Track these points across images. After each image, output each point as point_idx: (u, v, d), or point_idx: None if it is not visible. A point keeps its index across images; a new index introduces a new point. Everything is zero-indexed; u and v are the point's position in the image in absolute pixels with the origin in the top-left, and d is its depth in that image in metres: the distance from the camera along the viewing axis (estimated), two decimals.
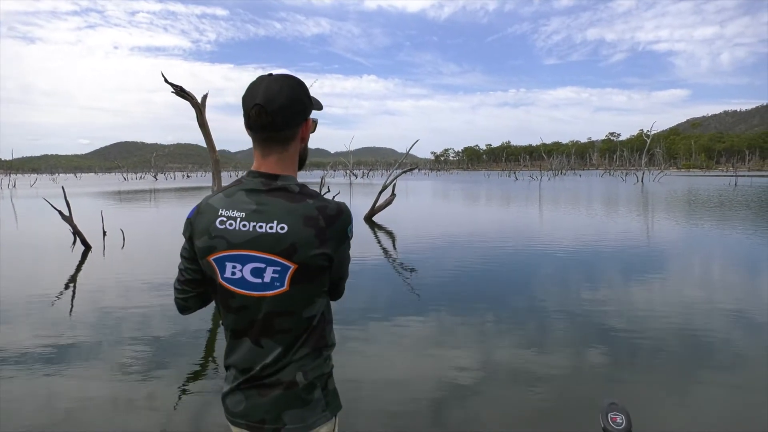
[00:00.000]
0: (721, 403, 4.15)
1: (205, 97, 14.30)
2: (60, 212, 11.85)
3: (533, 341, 5.52)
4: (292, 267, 1.35)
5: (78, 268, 9.61)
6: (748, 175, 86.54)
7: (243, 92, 1.38)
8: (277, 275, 1.36)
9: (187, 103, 15.26)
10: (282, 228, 1.34)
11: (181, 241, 1.49)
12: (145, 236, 14.46)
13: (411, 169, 22.65)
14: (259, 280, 1.37)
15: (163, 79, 13.26)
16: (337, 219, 1.39)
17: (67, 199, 12.18)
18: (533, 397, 4.17)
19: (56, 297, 7.52)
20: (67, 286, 8.27)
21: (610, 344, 5.39)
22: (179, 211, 24.18)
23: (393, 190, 18.07)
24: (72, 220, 11.84)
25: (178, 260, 1.50)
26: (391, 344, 5.46)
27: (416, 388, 4.33)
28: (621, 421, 1.66)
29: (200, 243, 1.41)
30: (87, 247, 11.58)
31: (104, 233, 13.17)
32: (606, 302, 7.11)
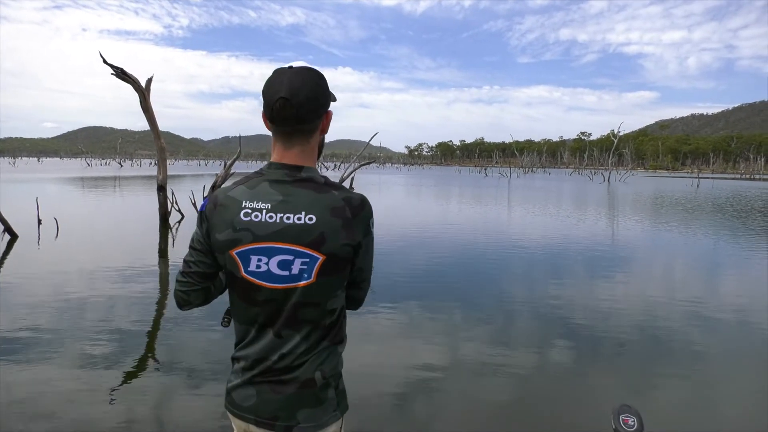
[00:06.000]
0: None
1: (149, 81, 13.68)
2: None
3: (501, 338, 5.52)
4: (321, 258, 1.35)
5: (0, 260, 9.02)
6: (710, 177, 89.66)
7: (218, 83, 1.05)
8: (305, 267, 1.35)
9: (157, 89, 14.71)
10: (310, 219, 1.34)
11: (124, 231, 1.13)
12: (85, 226, 13.70)
13: (369, 162, 22.35)
14: (286, 273, 1.36)
15: (101, 59, 12.69)
16: (362, 210, 1.40)
17: None
18: (505, 393, 4.18)
19: None
20: None
21: (580, 341, 5.47)
22: (131, 201, 23.36)
23: (351, 184, 17.73)
24: None
25: (112, 253, 1.16)
26: (358, 339, 5.24)
27: (382, 384, 4.27)
28: (633, 423, 1.56)
29: (222, 237, 1.39)
30: (13, 237, 10.90)
31: (39, 222, 12.51)
32: (571, 298, 7.24)
